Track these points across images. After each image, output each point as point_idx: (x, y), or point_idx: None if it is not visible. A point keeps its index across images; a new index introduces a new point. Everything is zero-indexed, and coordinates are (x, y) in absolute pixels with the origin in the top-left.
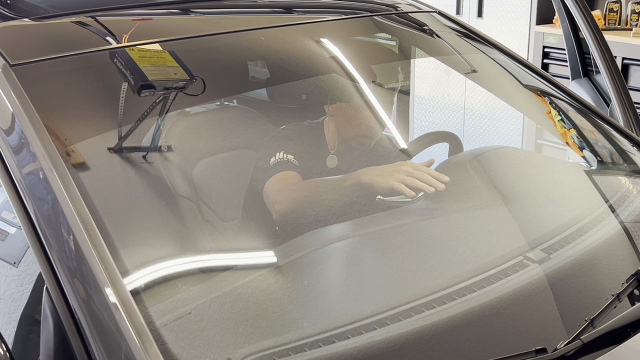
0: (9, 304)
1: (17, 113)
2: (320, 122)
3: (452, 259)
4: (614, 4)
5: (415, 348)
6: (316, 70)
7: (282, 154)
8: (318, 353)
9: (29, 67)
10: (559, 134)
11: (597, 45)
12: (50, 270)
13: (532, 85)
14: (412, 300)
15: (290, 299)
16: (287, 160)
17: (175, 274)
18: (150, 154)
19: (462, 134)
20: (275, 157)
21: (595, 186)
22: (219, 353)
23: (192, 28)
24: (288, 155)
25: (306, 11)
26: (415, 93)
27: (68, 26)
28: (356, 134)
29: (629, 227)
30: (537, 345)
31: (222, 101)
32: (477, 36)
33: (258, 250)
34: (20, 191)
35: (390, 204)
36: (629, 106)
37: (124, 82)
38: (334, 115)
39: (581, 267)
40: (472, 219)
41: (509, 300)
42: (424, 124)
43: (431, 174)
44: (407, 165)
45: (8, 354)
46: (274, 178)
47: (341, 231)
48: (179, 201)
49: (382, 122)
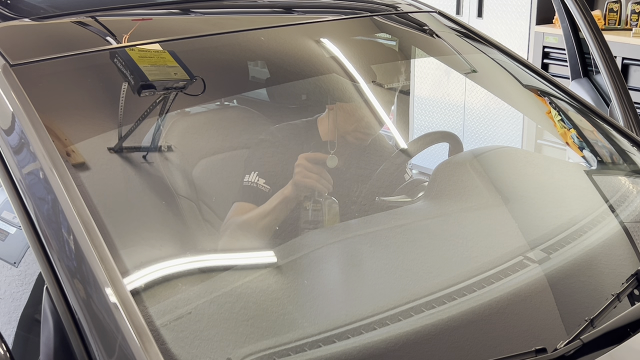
0: (9, 304)
1: (17, 113)
2: (314, 119)
3: (452, 259)
4: (614, 4)
5: (415, 348)
6: (316, 70)
7: (255, 176)
8: (318, 353)
9: (29, 67)
10: (559, 134)
11: (597, 45)
12: (50, 270)
13: (532, 85)
14: (412, 300)
15: (290, 299)
16: (256, 187)
17: (175, 274)
18: (150, 154)
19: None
20: (249, 177)
21: (595, 186)
22: (219, 353)
23: (192, 28)
24: (260, 179)
25: (306, 11)
26: (415, 93)
27: (68, 26)
28: (353, 129)
29: (629, 227)
30: (537, 345)
31: (222, 101)
32: (477, 36)
33: (258, 250)
34: (20, 191)
35: (390, 204)
36: (629, 106)
37: (124, 82)
38: (330, 112)
39: (581, 267)
40: (472, 219)
41: (509, 300)
42: (424, 124)
43: (323, 176)
44: (300, 165)
45: (8, 354)
46: (233, 207)
47: (341, 231)
48: (179, 201)
49: (380, 119)
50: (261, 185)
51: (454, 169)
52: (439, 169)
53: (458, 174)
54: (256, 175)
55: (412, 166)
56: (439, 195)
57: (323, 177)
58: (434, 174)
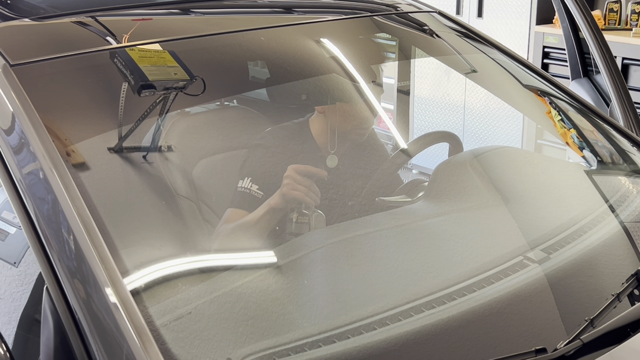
0: (9, 304)
1: (17, 113)
2: (305, 120)
3: (452, 259)
4: (614, 4)
5: (415, 348)
6: (316, 70)
7: (248, 181)
8: (318, 353)
9: (29, 67)
10: (559, 134)
11: (597, 45)
12: (50, 270)
13: (532, 85)
14: (412, 300)
15: (290, 299)
16: (249, 193)
17: (175, 274)
18: (150, 154)
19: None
20: (242, 182)
21: (595, 186)
22: (219, 353)
23: (192, 28)
24: (253, 185)
25: (306, 11)
26: (415, 93)
27: (68, 26)
28: (350, 127)
29: (629, 227)
30: (537, 345)
31: (222, 101)
32: (477, 36)
33: (258, 250)
34: (20, 191)
35: (390, 204)
36: (629, 106)
37: (124, 82)
38: (323, 112)
39: (581, 267)
40: (472, 219)
41: (509, 300)
42: (424, 124)
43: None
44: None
45: (8, 354)
46: (226, 213)
47: (341, 231)
48: (179, 201)
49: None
50: (254, 191)
51: (454, 169)
52: (439, 169)
53: (458, 174)
54: (249, 181)
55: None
56: (439, 195)
57: (311, 191)
58: (434, 174)
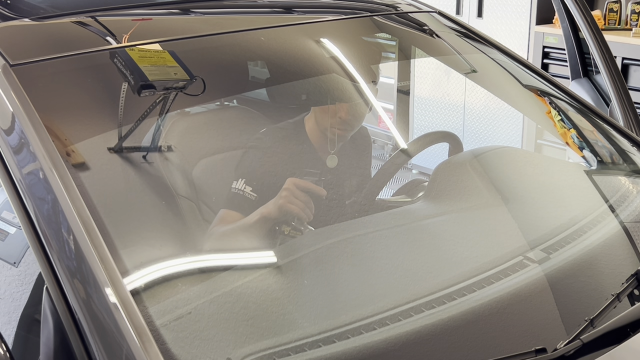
0: (9, 304)
1: (17, 113)
2: (300, 119)
3: (452, 259)
4: (614, 4)
5: (415, 348)
6: (316, 70)
7: (242, 183)
8: (318, 353)
9: (29, 67)
10: (559, 134)
11: (597, 45)
12: (50, 270)
13: (532, 85)
14: (412, 300)
15: (290, 299)
16: (243, 194)
17: (175, 274)
18: (150, 154)
19: (462, 134)
20: (236, 184)
21: (595, 186)
22: (219, 353)
23: (192, 28)
24: (247, 186)
25: (306, 11)
26: (415, 93)
27: (68, 26)
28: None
29: (629, 227)
30: (537, 345)
31: (222, 101)
32: (477, 36)
33: (258, 250)
34: (20, 191)
35: (390, 204)
36: (629, 106)
37: (124, 82)
38: (315, 111)
39: (581, 267)
40: (472, 219)
41: (509, 300)
42: (424, 124)
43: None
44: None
45: (8, 354)
46: (219, 214)
47: (341, 231)
48: (179, 201)
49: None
50: (248, 193)
51: (454, 169)
52: (439, 169)
53: (458, 174)
54: (243, 182)
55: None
56: (439, 195)
57: (307, 207)
58: (434, 174)
